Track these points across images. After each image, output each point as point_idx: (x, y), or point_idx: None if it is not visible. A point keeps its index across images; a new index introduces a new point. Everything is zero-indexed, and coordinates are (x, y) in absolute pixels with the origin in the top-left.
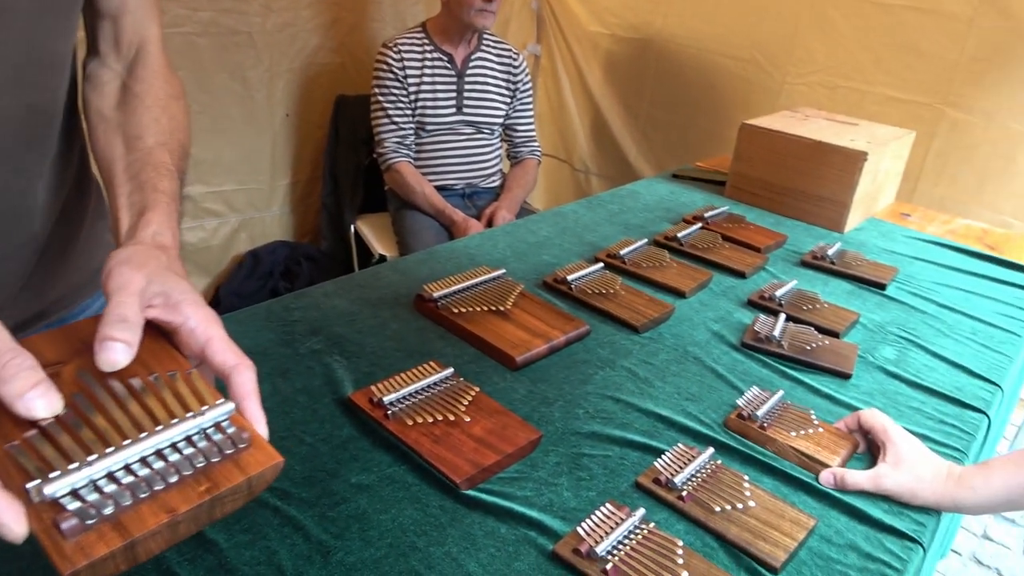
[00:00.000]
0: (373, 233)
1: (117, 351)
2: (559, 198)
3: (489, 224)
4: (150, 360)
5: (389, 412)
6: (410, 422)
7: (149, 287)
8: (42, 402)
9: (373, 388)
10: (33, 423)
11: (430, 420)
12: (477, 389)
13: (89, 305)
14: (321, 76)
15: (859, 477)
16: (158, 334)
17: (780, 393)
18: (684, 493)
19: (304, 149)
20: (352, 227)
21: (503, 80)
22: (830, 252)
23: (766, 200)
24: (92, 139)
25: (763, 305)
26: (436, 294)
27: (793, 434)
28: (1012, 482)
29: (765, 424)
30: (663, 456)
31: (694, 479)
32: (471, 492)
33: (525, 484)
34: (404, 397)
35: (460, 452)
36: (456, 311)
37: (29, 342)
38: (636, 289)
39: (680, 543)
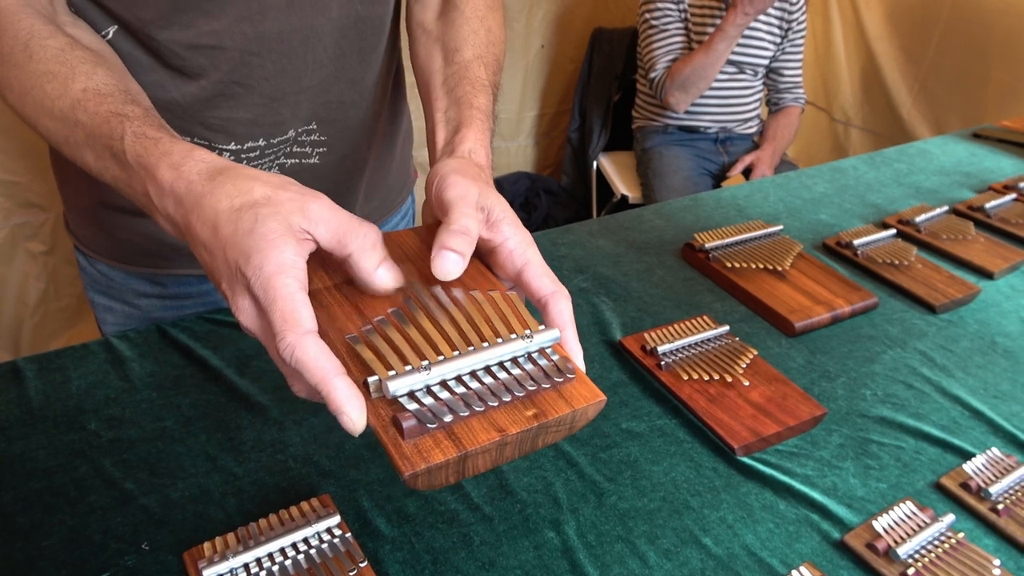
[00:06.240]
0: (616, 172)
1: (454, 261)
2: (810, 149)
3: (746, 175)
4: (466, 277)
5: (662, 363)
6: (684, 376)
7: (479, 201)
8: (389, 275)
9: (646, 335)
10: (367, 319)
11: (705, 378)
12: (755, 352)
13: (388, 221)
14: (580, 7)
15: None
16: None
17: None
18: (1000, 506)
19: (555, 81)
20: (595, 164)
21: (776, 18)
22: None
23: None
24: (412, 51)
25: None
26: (708, 245)
27: None
28: None
29: None
30: (973, 460)
31: (1014, 491)
32: (746, 459)
33: (805, 461)
34: (678, 349)
35: (737, 416)
36: (729, 265)
37: None
38: (933, 263)
39: (997, 562)
